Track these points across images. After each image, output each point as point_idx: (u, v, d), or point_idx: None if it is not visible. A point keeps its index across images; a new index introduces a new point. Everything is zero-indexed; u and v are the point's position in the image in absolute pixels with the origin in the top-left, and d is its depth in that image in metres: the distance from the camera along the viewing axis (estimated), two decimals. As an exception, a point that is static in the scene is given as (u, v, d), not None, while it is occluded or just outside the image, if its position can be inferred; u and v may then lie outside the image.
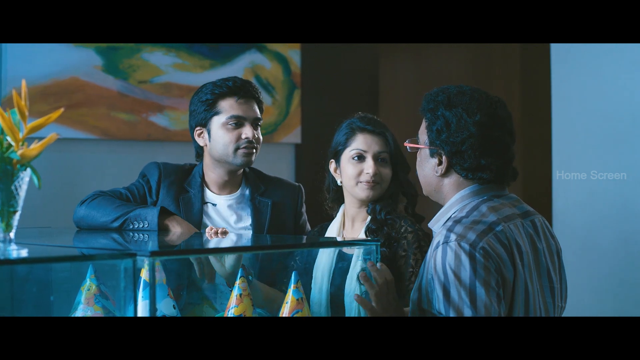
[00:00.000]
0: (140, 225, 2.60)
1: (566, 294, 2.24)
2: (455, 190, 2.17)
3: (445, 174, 2.17)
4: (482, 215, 2.10)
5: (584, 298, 3.55)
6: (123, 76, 3.87)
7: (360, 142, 2.61)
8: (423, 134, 2.20)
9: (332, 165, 2.68)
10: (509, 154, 2.17)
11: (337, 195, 2.71)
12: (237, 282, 2.14)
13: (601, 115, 3.65)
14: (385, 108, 5.10)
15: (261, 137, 2.82)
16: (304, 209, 2.95)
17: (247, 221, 2.81)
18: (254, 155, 2.78)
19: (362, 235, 2.59)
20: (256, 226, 2.79)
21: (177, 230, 2.59)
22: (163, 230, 2.60)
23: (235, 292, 2.14)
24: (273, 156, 4.35)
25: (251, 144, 2.75)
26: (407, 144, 2.25)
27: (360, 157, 2.60)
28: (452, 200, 2.17)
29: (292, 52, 4.39)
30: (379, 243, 2.17)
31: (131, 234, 2.53)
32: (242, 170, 2.86)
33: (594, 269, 3.58)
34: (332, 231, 2.68)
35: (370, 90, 4.77)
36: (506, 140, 2.16)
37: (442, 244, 2.04)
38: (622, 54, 3.56)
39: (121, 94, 3.86)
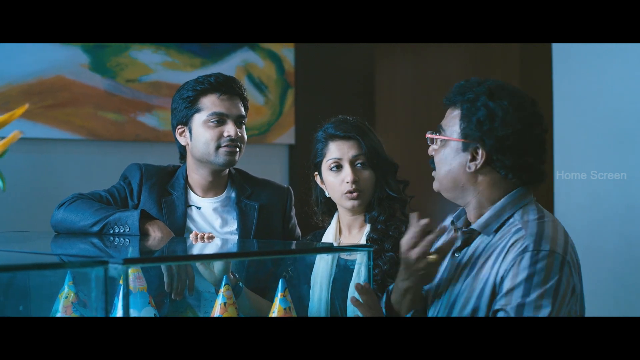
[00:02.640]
0: (121, 230, 2.49)
1: None
2: (491, 189, 2.02)
3: (479, 170, 2.01)
4: (553, 221, 1.99)
5: (586, 302, 3.48)
6: (110, 75, 3.77)
7: (333, 150, 2.50)
8: (452, 125, 2.03)
9: (318, 178, 2.58)
10: (545, 154, 2.06)
11: (328, 207, 2.60)
12: (222, 290, 2.03)
13: (604, 115, 3.59)
14: (382, 108, 5.03)
15: (245, 136, 2.71)
16: (293, 213, 2.84)
17: (233, 225, 2.70)
18: (238, 154, 2.67)
19: (363, 242, 2.47)
20: (242, 230, 2.68)
21: (157, 235, 2.48)
22: (144, 234, 2.49)
23: (219, 301, 2.03)
24: (266, 157, 4.26)
25: (233, 142, 2.64)
26: (432, 136, 2.07)
27: (338, 166, 2.50)
28: (502, 203, 2.01)
29: (286, 50, 4.29)
30: (372, 249, 2.06)
31: (111, 238, 2.42)
32: (227, 171, 2.75)
33: (597, 273, 3.51)
34: (327, 239, 2.57)
35: (366, 90, 4.69)
36: (545, 140, 2.05)
37: (532, 251, 1.90)
38: (626, 54, 3.49)
39: (108, 93, 3.76)
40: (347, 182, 2.46)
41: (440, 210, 2.12)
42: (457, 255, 2.07)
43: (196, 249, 2.24)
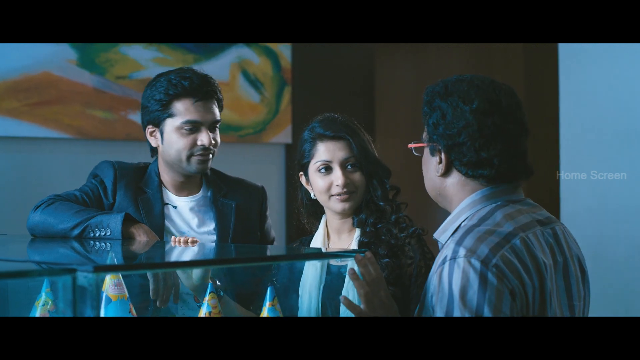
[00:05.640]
0: (102, 233, 2.37)
1: (588, 310, 1.99)
2: (459, 192, 1.92)
3: (446, 174, 1.92)
4: (497, 224, 1.83)
5: (593, 308, 3.40)
6: (99, 71, 3.67)
7: (322, 151, 2.37)
8: (424, 132, 1.97)
9: (303, 179, 2.45)
10: (517, 146, 1.90)
11: (314, 209, 2.48)
12: (206, 298, 1.92)
13: (611, 115, 3.55)
14: (382, 107, 4.95)
15: (219, 140, 2.62)
16: (268, 213, 2.77)
17: (211, 225, 2.62)
18: (210, 162, 2.59)
19: (354, 247, 2.34)
20: (220, 230, 2.60)
21: (142, 239, 2.37)
22: (127, 238, 2.38)
23: (204, 310, 1.92)
24: (261, 157, 4.18)
25: (207, 150, 2.56)
26: (411, 146, 2.00)
27: (327, 168, 2.37)
28: (461, 206, 1.91)
29: (283, 46, 4.20)
30: (364, 254, 1.93)
31: (91, 243, 2.30)
32: None
33: (605, 279, 3.43)
34: (315, 245, 2.43)
35: (366, 88, 4.58)
36: (512, 130, 1.88)
37: (450, 259, 1.78)
38: (633, 53, 3.47)
39: (97, 90, 3.66)
40: (338, 186, 2.35)
41: (441, 213, 2.00)
42: None
43: (176, 255, 2.12)
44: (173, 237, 2.36)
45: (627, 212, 3.48)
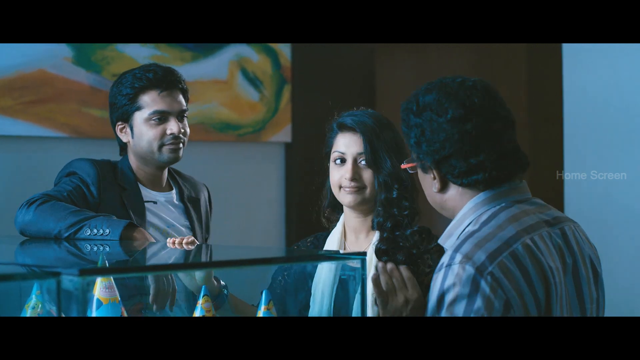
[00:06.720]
0: (100, 233, 2.35)
1: (603, 312, 1.93)
2: (461, 202, 1.87)
3: (443, 189, 1.87)
4: (499, 227, 1.78)
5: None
6: (96, 69, 3.61)
7: (340, 143, 2.34)
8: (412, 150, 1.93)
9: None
10: (504, 142, 1.83)
11: (336, 201, 2.42)
12: (200, 302, 1.88)
13: (615, 114, 3.55)
14: (383, 106, 4.90)
15: (188, 130, 2.70)
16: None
17: (185, 221, 2.70)
18: (181, 150, 2.67)
19: (370, 252, 2.29)
20: (194, 226, 2.69)
21: (139, 241, 2.35)
22: (126, 239, 2.34)
23: (197, 314, 1.87)
24: (261, 156, 4.13)
25: (177, 139, 2.64)
26: (404, 166, 1.96)
27: (342, 160, 2.34)
28: (464, 210, 1.86)
29: (282, 44, 4.15)
30: (364, 258, 1.88)
31: (88, 246, 2.25)
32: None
33: (610, 281, 3.38)
34: (331, 242, 2.39)
35: (365, 88, 4.55)
36: (494, 128, 1.82)
37: (445, 266, 1.73)
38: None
39: (94, 89, 3.60)
40: (346, 179, 2.32)
41: (443, 217, 1.96)
42: None
43: (170, 257, 2.07)
44: (169, 238, 2.32)
45: (627, 212, 3.45)
